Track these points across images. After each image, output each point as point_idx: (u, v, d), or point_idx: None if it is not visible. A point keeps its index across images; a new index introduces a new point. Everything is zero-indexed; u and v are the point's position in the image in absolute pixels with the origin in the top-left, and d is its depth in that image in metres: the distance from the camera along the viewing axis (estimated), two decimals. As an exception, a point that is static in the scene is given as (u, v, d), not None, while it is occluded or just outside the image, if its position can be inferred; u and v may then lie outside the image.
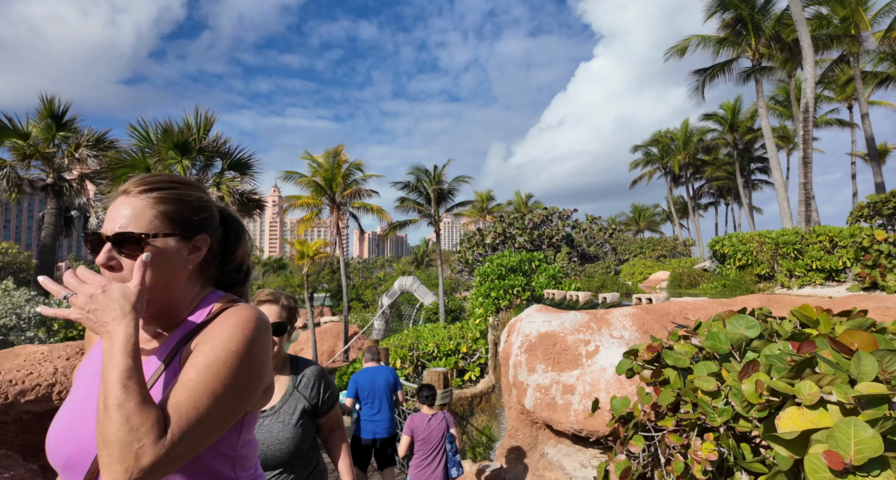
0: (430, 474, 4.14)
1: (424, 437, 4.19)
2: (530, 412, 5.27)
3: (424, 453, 4.18)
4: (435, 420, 4.30)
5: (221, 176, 8.64)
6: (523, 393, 5.33)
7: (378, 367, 5.28)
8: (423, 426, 4.23)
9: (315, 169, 19.07)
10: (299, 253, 19.19)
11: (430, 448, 4.20)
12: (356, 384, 5.11)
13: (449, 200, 17.95)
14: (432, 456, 4.19)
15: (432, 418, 4.31)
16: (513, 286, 9.58)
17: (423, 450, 4.19)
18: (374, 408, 5.08)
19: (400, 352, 9.69)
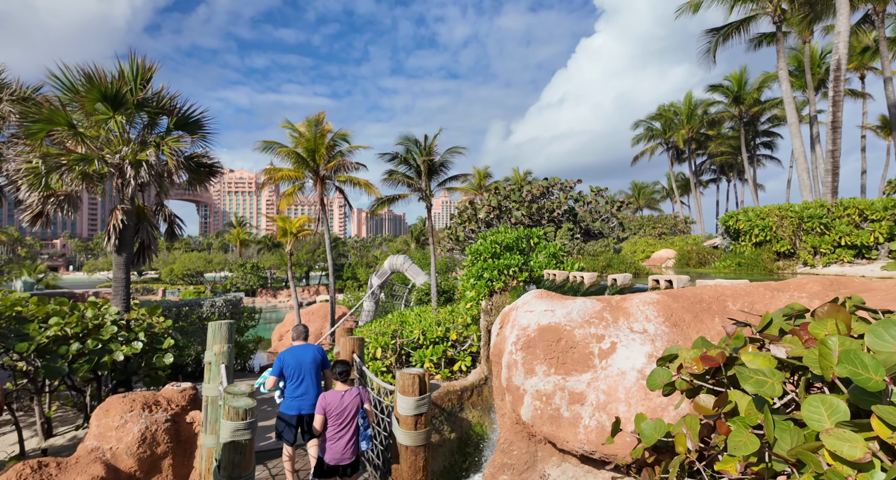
0: (344, 447, 4.30)
1: (338, 412, 4.33)
2: (527, 425, 4.22)
3: (337, 427, 4.32)
4: (348, 396, 4.40)
5: (167, 136, 7.41)
6: (519, 400, 4.27)
7: (305, 345, 5.37)
8: (337, 402, 4.35)
9: (297, 139, 17.68)
10: (281, 230, 17.95)
11: (343, 422, 4.33)
12: (281, 363, 5.21)
13: (441, 173, 16.66)
14: (344, 430, 4.33)
15: (346, 394, 4.42)
16: (508, 266, 8.47)
17: (335, 425, 4.32)
18: (300, 385, 5.16)
19: (381, 340, 8.62)
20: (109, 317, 6.53)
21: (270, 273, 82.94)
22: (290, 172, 17.35)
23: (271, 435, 7.33)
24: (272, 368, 5.26)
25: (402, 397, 4.39)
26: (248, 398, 3.93)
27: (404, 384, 4.40)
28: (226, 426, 3.75)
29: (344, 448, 4.29)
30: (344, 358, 6.75)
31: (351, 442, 4.32)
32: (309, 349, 5.33)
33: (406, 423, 4.40)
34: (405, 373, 4.40)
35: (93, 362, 5.97)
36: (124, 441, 5.67)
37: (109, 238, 7.32)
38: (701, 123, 38.48)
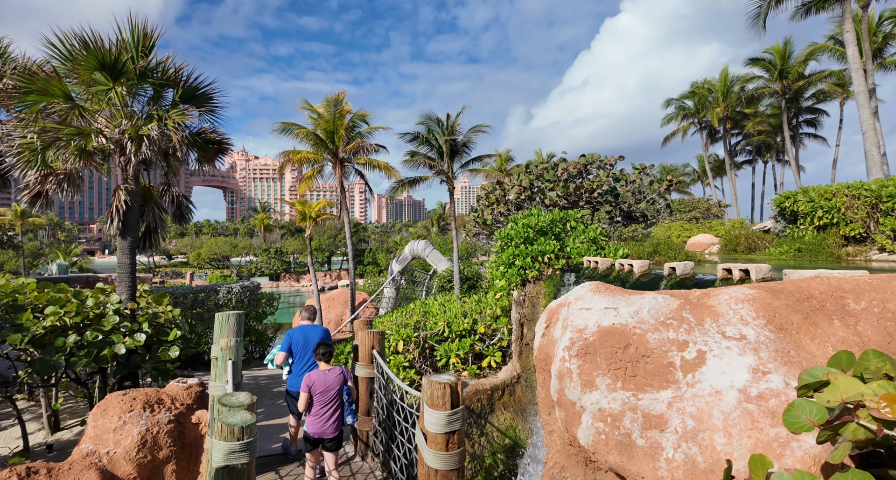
0: (326, 422, 4.56)
1: (322, 390, 4.58)
2: (586, 450, 3.43)
3: (322, 404, 4.58)
4: (332, 375, 4.65)
5: (172, 110, 6.72)
6: (574, 419, 3.48)
7: (313, 326, 5.64)
8: (321, 380, 4.60)
9: (316, 121, 16.98)
10: (300, 214, 17.39)
11: (328, 399, 4.58)
12: (290, 340, 5.51)
13: (464, 154, 15.74)
14: (329, 407, 4.58)
15: (329, 372, 4.66)
16: (543, 253, 7.62)
17: (320, 402, 4.57)
18: (306, 363, 5.46)
19: (402, 333, 7.93)
20: (111, 306, 5.99)
21: (294, 258, 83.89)
22: (309, 154, 16.70)
23: (285, 435, 6.76)
24: (281, 344, 5.56)
25: (431, 411, 3.66)
26: (246, 412, 3.25)
27: (433, 395, 3.66)
28: (217, 447, 3.08)
29: (325, 423, 4.58)
30: (363, 353, 6.08)
31: (333, 418, 4.60)
32: (317, 330, 5.65)
33: (435, 442, 3.68)
34: (434, 382, 3.66)
35: (91, 355, 5.44)
36: (122, 444, 5.12)
37: (112, 220, 6.76)
38: (738, 100, 36.29)
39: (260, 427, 7.07)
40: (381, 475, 5.55)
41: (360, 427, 6.04)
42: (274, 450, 6.33)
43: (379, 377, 5.94)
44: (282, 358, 5.51)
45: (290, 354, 5.55)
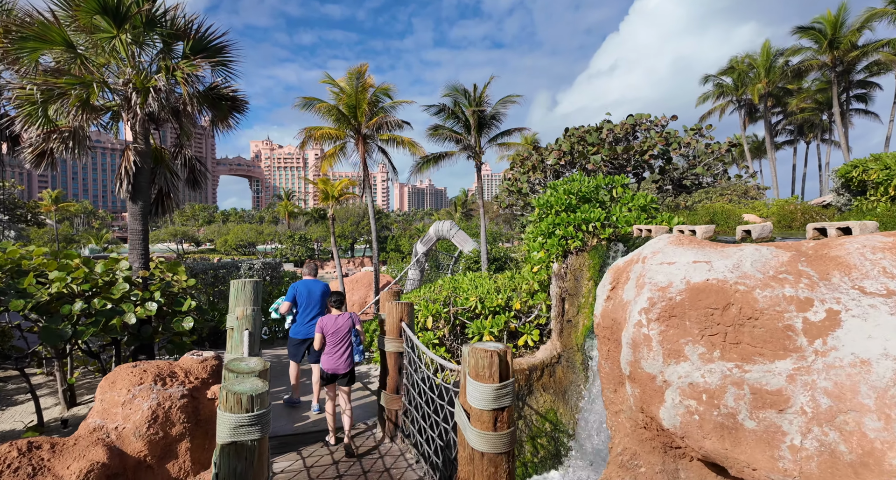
0: (339, 359, 5.12)
1: (333, 332, 5.15)
2: (669, 433, 2.78)
3: (333, 344, 5.14)
4: (342, 319, 5.21)
5: (184, 60, 6.20)
6: (654, 397, 2.82)
7: (315, 280, 6.19)
8: (332, 323, 5.16)
9: (337, 95, 16.41)
10: (322, 193, 16.95)
11: (338, 340, 5.14)
12: (295, 291, 6.07)
13: (493, 127, 14.96)
14: (339, 346, 5.14)
15: (339, 317, 5.21)
16: (588, 221, 6.89)
17: (332, 342, 5.15)
18: (309, 313, 6.05)
19: (431, 308, 7.35)
20: (121, 274, 5.59)
21: (317, 245, 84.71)
22: (331, 130, 16.17)
23: (309, 414, 6.32)
24: (286, 295, 6.11)
25: (476, 384, 3.06)
26: (257, 380, 2.71)
27: (478, 366, 3.06)
28: (223, 420, 2.55)
29: (338, 360, 5.14)
30: (390, 326, 5.52)
31: (345, 356, 5.16)
32: (318, 284, 6.23)
33: (480, 420, 3.08)
34: (479, 349, 3.05)
35: (99, 324, 5.04)
36: (132, 419, 4.70)
37: (122, 183, 6.35)
38: (781, 75, 34.12)
39: (283, 406, 6.64)
40: (413, 457, 5.02)
41: (387, 405, 5.52)
42: (296, 429, 5.87)
43: (408, 352, 5.38)
44: (286, 307, 6.07)
45: (294, 304, 6.13)
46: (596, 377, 5.74)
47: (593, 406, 5.47)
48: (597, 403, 5.34)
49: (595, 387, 5.70)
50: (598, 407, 5.38)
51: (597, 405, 5.36)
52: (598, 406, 5.35)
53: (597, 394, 5.47)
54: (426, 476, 4.68)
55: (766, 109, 36.34)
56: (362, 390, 7.30)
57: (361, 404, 6.71)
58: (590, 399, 6.17)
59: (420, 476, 4.71)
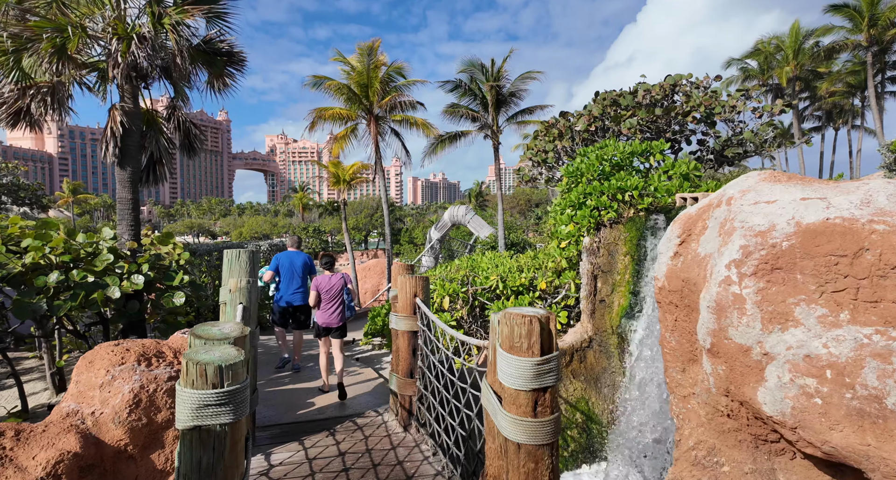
0: (331, 315, 5.70)
1: (326, 290, 5.70)
2: (770, 422, 2.09)
3: (327, 301, 5.71)
4: (335, 279, 5.76)
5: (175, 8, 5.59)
6: (749, 374, 2.13)
7: (297, 252, 6.59)
8: (326, 282, 5.71)
9: (348, 74, 15.79)
10: (333, 177, 16.38)
11: (331, 297, 5.72)
12: (277, 262, 6.47)
13: (511, 105, 14.20)
14: (332, 304, 5.72)
15: (332, 277, 5.77)
16: (623, 190, 6.16)
17: (326, 300, 5.71)
18: (291, 283, 6.46)
19: (448, 288, 6.71)
20: (105, 244, 5.06)
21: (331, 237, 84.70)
22: (342, 110, 15.56)
23: (314, 400, 5.74)
24: (270, 265, 6.49)
25: (510, 358, 2.40)
26: (231, 348, 2.09)
27: (513, 335, 2.40)
28: (183, 399, 1.94)
29: (331, 316, 5.64)
30: (403, 302, 4.89)
31: (338, 311, 5.65)
32: (301, 256, 6.57)
33: (516, 403, 2.43)
34: (514, 315, 2.40)
35: (78, 298, 4.50)
36: (111, 403, 4.16)
37: (108, 146, 5.80)
38: (812, 57, 32.52)
39: (285, 392, 6.08)
40: (429, 449, 4.40)
41: (400, 390, 4.90)
42: (299, 417, 5.30)
43: (423, 331, 4.75)
44: (269, 276, 6.42)
45: (277, 273, 6.48)
46: (639, 359, 5.05)
47: (638, 394, 4.79)
48: (643, 389, 4.67)
49: (638, 371, 5.01)
50: (642, 394, 4.70)
51: (642, 392, 4.68)
52: (643, 393, 4.67)
53: (643, 380, 4.78)
54: (445, 470, 4.05)
55: (794, 93, 34.76)
56: (372, 375, 6.71)
57: (371, 390, 6.11)
58: (630, 385, 5.49)
59: (438, 470, 4.09)
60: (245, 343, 2.30)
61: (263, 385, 6.25)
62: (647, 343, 5.22)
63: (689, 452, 2.57)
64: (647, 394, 4.65)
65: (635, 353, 5.44)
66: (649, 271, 5.78)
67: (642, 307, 5.68)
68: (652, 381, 4.82)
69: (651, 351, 4.95)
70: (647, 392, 4.75)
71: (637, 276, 5.86)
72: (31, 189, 17.99)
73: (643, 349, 5.28)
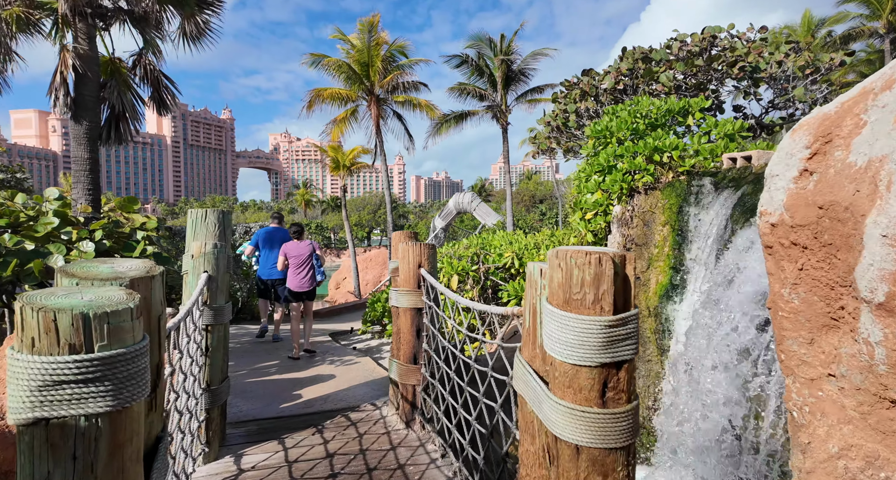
0: (301, 279, 6.07)
1: (295, 256, 6.07)
2: None
3: (296, 266, 6.07)
4: (303, 245, 6.15)
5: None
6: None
7: (278, 228, 7.01)
8: (294, 248, 6.10)
9: (347, 52, 14.97)
10: (333, 162, 15.55)
11: (300, 263, 6.08)
12: (258, 237, 6.89)
13: (521, 83, 13.35)
14: (301, 268, 6.07)
15: (300, 243, 6.17)
16: (661, 150, 5.32)
17: (294, 264, 6.07)
18: (270, 256, 6.75)
19: (457, 265, 5.88)
20: (50, 206, 4.26)
21: (334, 234, 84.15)
22: (341, 90, 14.74)
23: (301, 392, 4.93)
24: (251, 240, 6.92)
25: (565, 317, 1.57)
26: (117, 290, 1.25)
27: (570, 280, 1.58)
28: (18, 370, 1.10)
29: (301, 281, 6.08)
30: (405, 274, 4.07)
31: (307, 276, 6.10)
32: (280, 231, 6.89)
33: (574, 387, 1.60)
34: (573, 252, 1.57)
35: (8, 267, 3.70)
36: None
37: (58, 95, 4.99)
38: (825, 46, 31.46)
39: (268, 383, 5.28)
40: (437, 450, 3.58)
41: (401, 379, 4.08)
42: (282, 411, 4.49)
43: (430, 307, 3.92)
44: (250, 251, 6.92)
45: (257, 248, 6.86)
46: (688, 344, 4.20)
47: (686, 383, 3.95)
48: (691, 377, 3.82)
49: (685, 358, 4.16)
50: (690, 384, 3.86)
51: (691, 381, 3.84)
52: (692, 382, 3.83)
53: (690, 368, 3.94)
54: (457, 477, 3.23)
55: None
56: (371, 366, 5.89)
57: (369, 381, 5.29)
58: (672, 374, 4.65)
59: (448, 476, 3.26)
60: (153, 288, 1.48)
61: (244, 376, 5.45)
62: (697, 327, 4.38)
63: (831, 461, 1.73)
64: (696, 382, 3.82)
65: (682, 338, 4.60)
66: (692, 243, 4.94)
67: (686, 284, 4.83)
68: (703, 367, 3.98)
69: (704, 333, 4.11)
70: (698, 380, 3.91)
71: (678, 249, 5.02)
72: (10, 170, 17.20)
73: (692, 333, 4.44)
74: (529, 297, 1.93)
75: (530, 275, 1.92)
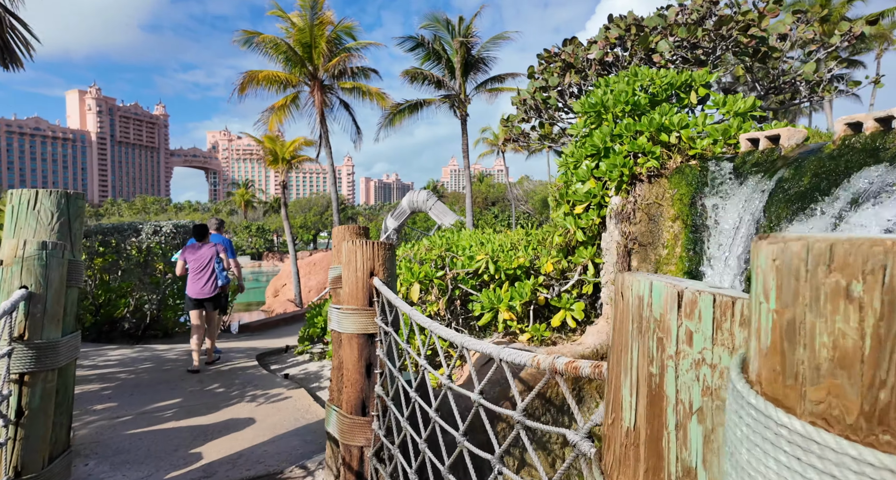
0: (203, 285, 5.68)
1: (194, 259, 5.74)
2: None
3: (195, 271, 5.72)
4: (204, 248, 5.79)
5: None
6: None
7: (215, 234, 6.45)
8: (194, 252, 5.77)
9: (287, 30, 13.37)
10: (270, 154, 13.82)
11: (199, 267, 5.71)
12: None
13: (480, 72, 12.35)
14: (202, 273, 5.71)
15: (201, 246, 5.80)
16: (667, 130, 4.38)
17: (194, 269, 5.72)
18: None
19: (418, 272, 4.68)
20: None
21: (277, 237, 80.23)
22: (280, 74, 13.10)
23: (203, 449, 3.53)
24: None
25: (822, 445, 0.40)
26: None
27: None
28: None
29: (202, 286, 5.69)
30: (351, 286, 2.83)
31: (209, 282, 5.71)
32: (216, 237, 6.50)
33: None
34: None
35: None
36: None
37: None
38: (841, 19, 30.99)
39: (162, 433, 3.83)
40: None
41: (343, 437, 2.82)
42: (166, 487, 3.08)
43: (387, 333, 2.68)
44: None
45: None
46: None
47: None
48: None
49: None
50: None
51: None
52: None
53: None
54: None
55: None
56: (306, 401, 4.53)
57: (300, 428, 3.95)
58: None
59: None
60: None
61: (126, 424, 3.94)
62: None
63: None
64: None
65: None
66: (711, 241, 4.01)
67: (707, 292, 3.87)
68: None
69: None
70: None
71: (693, 249, 4.07)
72: None
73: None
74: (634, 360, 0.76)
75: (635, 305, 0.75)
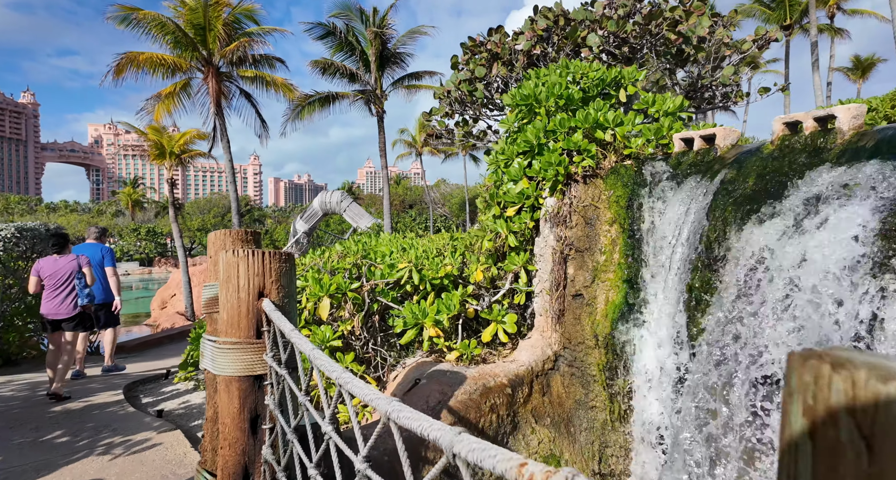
0: (59, 304, 5.03)
1: (51, 274, 5.06)
2: None
3: (52, 287, 5.04)
4: (63, 261, 5.13)
5: None
6: None
7: (94, 243, 6.20)
8: (50, 266, 5.07)
9: (176, 9, 11.71)
10: (155, 147, 11.96)
11: (57, 283, 5.04)
12: None
13: (398, 66, 11.71)
14: (59, 290, 5.04)
15: (59, 259, 5.13)
16: (602, 127, 4.10)
17: (51, 286, 5.05)
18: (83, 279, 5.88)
19: (329, 283, 3.94)
20: None
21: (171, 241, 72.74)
22: (166, 56, 11.42)
23: None
24: None
25: None
26: None
27: None
28: None
29: (59, 305, 5.02)
30: (231, 311, 2.05)
31: (67, 300, 5.05)
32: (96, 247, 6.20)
33: None
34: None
35: None
36: None
37: None
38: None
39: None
40: None
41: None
42: None
43: (283, 377, 1.94)
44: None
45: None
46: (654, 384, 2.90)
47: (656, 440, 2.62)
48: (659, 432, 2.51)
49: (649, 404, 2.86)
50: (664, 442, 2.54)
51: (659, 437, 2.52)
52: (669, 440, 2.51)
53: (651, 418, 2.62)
54: None
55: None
56: (180, 450, 3.58)
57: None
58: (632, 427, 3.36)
59: None
60: None
61: None
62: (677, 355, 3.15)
63: None
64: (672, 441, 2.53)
65: (652, 373, 3.33)
66: (650, 247, 3.76)
67: (648, 301, 3.61)
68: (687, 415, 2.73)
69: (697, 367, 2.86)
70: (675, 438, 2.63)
71: (632, 256, 3.80)
72: None
73: (666, 365, 3.20)
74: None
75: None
